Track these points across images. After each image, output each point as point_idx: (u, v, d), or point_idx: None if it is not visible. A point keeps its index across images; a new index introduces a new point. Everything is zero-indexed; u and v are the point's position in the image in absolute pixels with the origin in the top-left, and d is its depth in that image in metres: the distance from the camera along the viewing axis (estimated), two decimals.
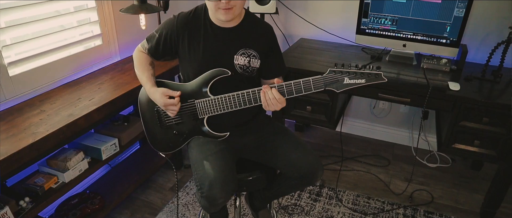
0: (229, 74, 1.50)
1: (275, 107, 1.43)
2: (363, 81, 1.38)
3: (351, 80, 1.38)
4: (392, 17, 2.39)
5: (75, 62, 2.17)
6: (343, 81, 1.38)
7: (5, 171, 1.45)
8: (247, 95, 1.46)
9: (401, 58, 2.45)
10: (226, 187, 1.41)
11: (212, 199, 1.41)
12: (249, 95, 1.46)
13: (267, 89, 1.41)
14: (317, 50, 2.64)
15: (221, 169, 1.43)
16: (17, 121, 1.69)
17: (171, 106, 1.51)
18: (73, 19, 2.19)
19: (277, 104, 1.42)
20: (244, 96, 1.47)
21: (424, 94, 2.07)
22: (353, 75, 1.37)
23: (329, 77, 1.38)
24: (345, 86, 1.39)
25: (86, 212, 1.98)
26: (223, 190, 1.40)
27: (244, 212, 2.22)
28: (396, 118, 2.91)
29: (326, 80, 1.39)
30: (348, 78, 1.38)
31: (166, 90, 1.52)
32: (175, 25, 1.53)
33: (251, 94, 1.46)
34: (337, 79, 1.38)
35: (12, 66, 1.85)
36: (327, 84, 1.39)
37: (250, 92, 1.46)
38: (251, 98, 1.47)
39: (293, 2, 2.86)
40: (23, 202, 1.64)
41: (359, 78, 1.38)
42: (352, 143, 2.98)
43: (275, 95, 1.40)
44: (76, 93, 1.96)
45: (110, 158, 2.02)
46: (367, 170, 2.64)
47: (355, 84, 1.38)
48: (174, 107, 1.51)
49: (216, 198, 1.40)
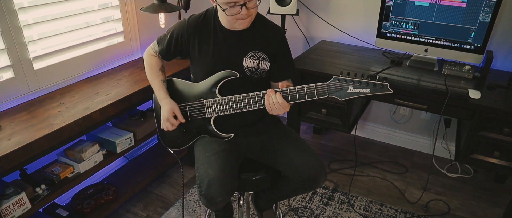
0: (238, 77, 1.52)
1: (278, 112, 1.43)
2: (368, 91, 1.35)
3: (355, 90, 1.36)
4: (414, 21, 2.32)
5: (97, 58, 2.26)
6: (347, 89, 1.37)
7: (22, 159, 1.54)
8: (253, 98, 1.48)
9: (422, 64, 2.38)
10: (224, 187, 1.43)
11: (210, 198, 1.43)
12: (256, 98, 1.47)
13: (271, 93, 1.42)
14: (336, 53, 2.62)
15: (221, 169, 1.45)
16: (37, 112, 1.79)
17: (169, 124, 1.57)
18: (97, 17, 2.29)
19: (280, 109, 1.42)
20: (251, 98, 1.48)
21: (441, 102, 2.00)
22: (358, 85, 1.36)
23: (333, 85, 1.37)
24: (348, 95, 1.38)
25: (100, 202, 2.06)
26: (221, 190, 1.42)
27: (253, 211, 2.23)
28: (417, 124, 2.83)
29: (330, 88, 1.38)
30: (353, 87, 1.36)
31: (176, 109, 1.57)
32: (185, 28, 1.57)
33: (258, 97, 1.47)
34: (341, 87, 1.37)
35: (37, 60, 1.95)
36: (330, 92, 1.38)
37: (256, 95, 1.47)
38: (257, 101, 1.48)
39: (315, 4, 2.84)
40: (39, 189, 1.74)
41: (363, 88, 1.36)
42: (371, 148, 2.93)
43: (278, 100, 1.40)
44: (95, 87, 2.05)
45: (125, 151, 2.10)
46: (383, 177, 2.59)
47: (359, 94, 1.36)
48: (170, 127, 1.57)
49: (214, 198, 1.43)
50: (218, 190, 1.41)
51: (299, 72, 2.38)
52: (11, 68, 1.84)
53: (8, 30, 1.78)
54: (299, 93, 1.41)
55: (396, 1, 2.33)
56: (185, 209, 2.26)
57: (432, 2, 2.24)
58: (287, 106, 1.43)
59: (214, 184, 1.41)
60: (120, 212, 2.25)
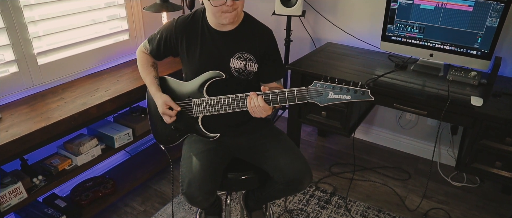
0: (224, 77, 1.53)
1: (260, 115, 1.43)
2: (349, 98, 1.34)
3: (336, 95, 1.35)
4: (419, 24, 2.27)
5: (101, 55, 2.32)
6: (327, 95, 1.36)
7: (18, 149, 1.60)
8: (238, 99, 1.48)
9: (427, 69, 2.32)
10: (204, 187, 1.45)
11: (191, 197, 1.45)
12: (240, 99, 1.48)
13: (253, 96, 1.42)
14: (341, 55, 2.59)
15: (203, 169, 1.47)
16: (37, 105, 1.86)
17: (167, 117, 1.59)
18: (104, 15, 2.35)
19: (262, 112, 1.42)
20: (236, 100, 1.49)
21: (442, 108, 1.95)
22: (338, 90, 1.34)
23: (314, 90, 1.37)
24: (329, 101, 1.37)
25: (98, 195, 2.12)
26: (201, 190, 1.44)
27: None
28: (423, 130, 2.76)
29: (310, 92, 1.37)
30: (333, 93, 1.35)
31: (168, 100, 1.58)
32: (173, 29, 1.59)
33: (242, 98, 1.48)
34: (322, 92, 1.36)
35: (42, 55, 2.03)
36: (311, 97, 1.38)
37: (240, 97, 1.48)
38: (241, 103, 1.48)
39: (321, 5, 2.82)
40: (37, 180, 1.81)
41: (344, 94, 1.34)
42: (374, 152, 2.88)
43: (260, 103, 1.40)
44: (96, 84, 2.11)
45: (123, 146, 2.15)
46: (384, 182, 2.54)
47: (340, 100, 1.35)
48: (168, 118, 1.59)
49: (194, 196, 1.45)
50: (198, 189, 1.43)
51: (300, 74, 2.37)
52: (16, 63, 1.92)
53: (13, 26, 1.86)
54: (280, 97, 1.41)
55: (401, 4, 2.28)
56: (182, 205, 2.29)
57: (437, 6, 2.18)
58: (269, 110, 1.43)
59: (194, 183, 1.43)
60: (119, 205, 2.31)
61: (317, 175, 2.61)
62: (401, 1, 2.28)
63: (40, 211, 1.93)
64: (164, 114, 1.59)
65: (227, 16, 1.45)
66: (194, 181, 1.44)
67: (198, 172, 1.45)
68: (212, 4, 1.43)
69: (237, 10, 1.45)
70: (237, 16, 1.47)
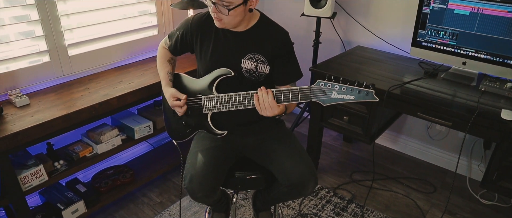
0: (232, 75, 1.54)
1: (267, 112, 1.42)
2: (352, 98, 1.30)
3: (339, 95, 1.31)
4: (452, 30, 2.15)
5: (129, 49, 2.41)
6: (331, 94, 1.32)
7: (40, 134, 1.70)
8: (247, 96, 1.48)
9: (459, 77, 2.19)
10: (205, 183, 1.46)
11: (192, 192, 1.48)
12: (249, 96, 1.47)
13: (263, 90, 1.41)
14: (368, 59, 2.51)
15: (206, 165, 1.48)
16: (64, 94, 1.97)
17: (177, 108, 1.61)
18: (135, 10, 2.44)
19: (269, 108, 1.41)
20: (244, 97, 1.49)
21: (468, 119, 1.83)
22: (342, 90, 1.30)
23: (317, 89, 1.34)
24: (332, 101, 1.33)
25: (116, 183, 2.20)
26: (201, 186, 1.46)
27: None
28: (453, 142, 2.61)
29: (314, 91, 1.34)
30: (336, 92, 1.31)
31: (175, 93, 1.61)
32: (189, 26, 1.62)
33: (251, 96, 1.47)
34: (325, 92, 1.33)
35: (72, 47, 2.14)
36: (314, 96, 1.35)
37: (250, 94, 1.47)
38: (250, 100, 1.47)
39: (354, 8, 2.75)
40: (58, 164, 1.91)
41: (348, 94, 1.30)
42: (400, 162, 2.76)
43: (268, 97, 1.39)
44: (121, 76, 2.19)
45: (144, 138, 2.22)
46: (406, 194, 2.43)
47: (343, 100, 1.31)
48: (179, 109, 1.61)
49: (195, 192, 1.46)
50: (198, 185, 1.45)
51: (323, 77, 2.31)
52: (48, 53, 2.04)
53: (47, 19, 1.98)
54: (284, 95, 1.39)
55: (433, 8, 2.17)
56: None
57: (473, 11, 2.05)
58: (276, 108, 1.41)
59: (195, 179, 1.45)
60: (137, 195, 2.39)
61: (336, 181, 2.55)
62: (434, 5, 2.17)
63: (61, 194, 2.04)
64: (173, 106, 1.62)
65: (215, 20, 1.47)
66: (196, 177, 1.45)
67: (200, 168, 1.47)
68: (207, 4, 1.46)
69: (222, 21, 1.45)
70: (223, 25, 1.48)
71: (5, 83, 1.92)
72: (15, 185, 1.71)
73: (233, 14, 1.42)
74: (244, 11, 1.45)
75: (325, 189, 2.47)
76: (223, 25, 1.49)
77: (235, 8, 1.40)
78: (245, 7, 1.43)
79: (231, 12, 1.40)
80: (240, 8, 1.41)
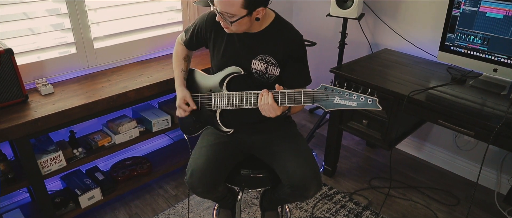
0: (242, 73, 1.54)
1: (268, 113, 1.41)
2: (355, 105, 1.26)
3: (342, 101, 1.28)
4: (483, 35, 2.03)
5: (153, 43, 2.47)
6: (333, 100, 1.29)
7: (59, 121, 1.79)
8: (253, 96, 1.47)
9: (489, 85, 2.06)
10: (204, 179, 1.47)
11: (191, 186, 1.50)
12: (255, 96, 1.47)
13: (264, 93, 1.40)
14: (394, 63, 2.42)
15: (207, 161, 1.49)
16: (86, 85, 2.05)
17: (181, 111, 1.64)
18: (162, 6, 2.50)
19: (270, 110, 1.39)
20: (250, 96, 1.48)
21: (492, 130, 1.72)
22: (345, 96, 1.27)
23: (320, 93, 1.31)
24: (334, 106, 1.29)
25: (133, 174, 2.27)
26: (201, 181, 1.47)
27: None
28: (483, 154, 2.45)
29: (316, 96, 1.32)
30: (339, 98, 1.28)
31: (188, 97, 1.64)
32: (204, 22, 1.63)
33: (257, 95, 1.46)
34: (328, 96, 1.30)
35: (98, 40, 2.23)
36: (316, 100, 1.32)
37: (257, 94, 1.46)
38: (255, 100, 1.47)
39: (383, 9, 2.66)
40: (77, 151, 2.00)
41: (351, 100, 1.26)
42: (424, 171, 2.64)
43: (268, 101, 1.38)
44: (142, 70, 2.26)
45: (161, 131, 2.27)
46: (426, 204, 2.32)
47: (346, 106, 1.28)
48: (181, 112, 1.64)
49: (194, 186, 1.48)
50: (198, 180, 1.47)
51: (344, 79, 2.27)
52: (74, 45, 2.14)
53: (75, 12, 2.07)
54: (288, 97, 1.37)
55: (464, 11, 2.06)
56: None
57: (507, 14, 1.92)
58: (278, 109, 1.39)
59: (196, 174, 1.47)
60: (153, 186, 2.45)
61: (354, 186, 2.49)
62: (465, 7, 2.05)
63: (80, 180, 2.13)
64: (179, 107, 1.64)
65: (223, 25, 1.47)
66: (196, 171, 1.47)
67: (201, 164, 1.49)
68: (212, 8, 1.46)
69: (229, 28, 1.44)
70: (231, 31, 1.48)
71: (34, 72, 2.04)
72: (35, 168, 1.80)
73: (237, 25, 1.42)
74: (250, 20, 1.43)
75: (341, 194, 2.41)
76: (230, 31, 1.48)
77: (238, 20, 1.39)
78: (250, 18, 1.41)
79: (234, 23, 1.40)
80: (244, 20, 1.40)
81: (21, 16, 1.98)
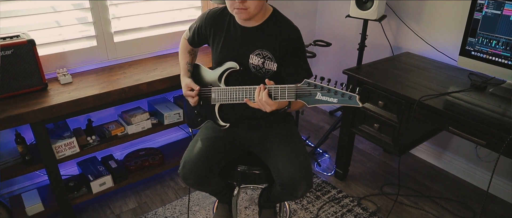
0: (238, 69, 1.56)
1: (263, 108, 1.42)
2: (335, 101, 1.25)
3: (323, 97, 1.27)
4: (506, 40, 1.92)
5: (171, 39, 2.54)
6: (315, 96, 1.29)
7: (71, 109, 1.89)
8: (248, 90, 1.49)
9: (511, 93, 1.95)
10: (196, 171, 1.51)
11: (183, 177, 1.55)
12: (251, 91, 1.49)
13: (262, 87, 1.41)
14: (413, 67, 2.34)
15: (201, 154, 1.53)
16: (103, 76, 2.16)
17: (189, 97, 1.69)
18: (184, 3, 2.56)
19: (265, 105, 1.40)
20: (247, 91, 1.50)
21: (505, 139, 1.63)
22: (326, 92, 1.26)
23: (303, 88, 1.30)
24: (316, 102, 1.29)
25: (145, 164, 2.36)
26: (192, 173, 1.51)
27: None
28: (505, 166, 2.32)
29: (299, 91, 1.32)
30: (321, 94, 1.27)
31: (189, 83, 1.68)
32: (204, 19, 1.68)
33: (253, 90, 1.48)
34: (310, 92, 1.29)
35: (118, 34, 2.33)
36: (299, 96, 1.32)
37: (252, 89, 1.48)
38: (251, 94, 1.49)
39: (406, 12, 2.59)
40: (90, 139, 2.11)
41: (331, 97, 1.25)
42: (440, 180, 2.53)
43: (262, 96, 1.39)
44: (157, 64, 2.33)
45: (173, 124, 2.34)
46: (438, 215, 2.23)
47: (327, 102, 1.27)
48: (191, 99, 1.68)
49: (186, 177, 1.52)
50: (189, 171, 1.50)
51: (357, 82, 2.23)
52: (95, 38, 2.25)
53: (97, 7, 2.19)
54: (274, 91, 1.38)
55: (486, 14, 1.96)
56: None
57: None
58: (273, 104, 1.40)
59: (187, 166, 1.51)
60: (165, 178, 2.53)
61: (364, 191, 2.43)
62: (487, 10, 1.95)
63: (94, 167, 2.24)
64: (186, 95, 1.69)
65: (238, 12, 1.46)
66: (189, 163, 1.51)
67: (194, 155, 1.52)
68: (226, 1, 1.47)
69: (248, 10, 1.44)
70: (248, 15, 1.46)
71: (56, 63, 2.17)
72: (49, 152, 1.92)
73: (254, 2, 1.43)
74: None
75: (349, 198, 2.37)
76: (248, 15, 1.47)
77: None
78: None
79: None
80: None
81: (49, 9, 2.12)
